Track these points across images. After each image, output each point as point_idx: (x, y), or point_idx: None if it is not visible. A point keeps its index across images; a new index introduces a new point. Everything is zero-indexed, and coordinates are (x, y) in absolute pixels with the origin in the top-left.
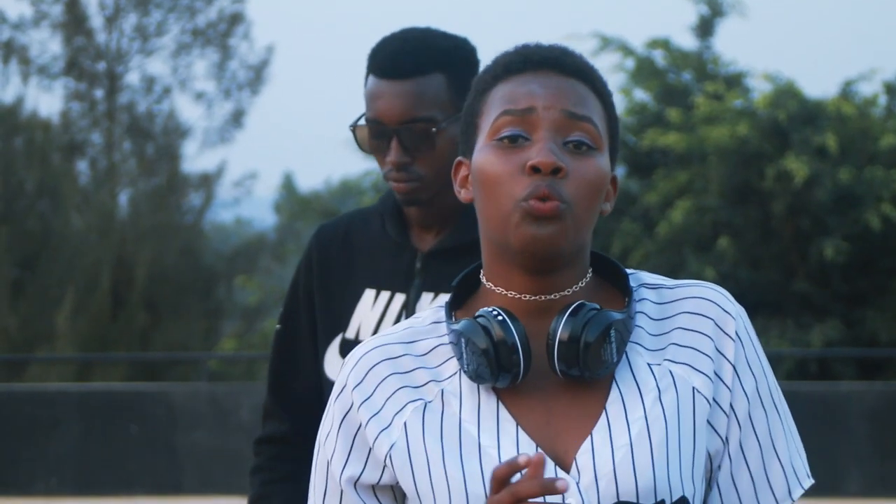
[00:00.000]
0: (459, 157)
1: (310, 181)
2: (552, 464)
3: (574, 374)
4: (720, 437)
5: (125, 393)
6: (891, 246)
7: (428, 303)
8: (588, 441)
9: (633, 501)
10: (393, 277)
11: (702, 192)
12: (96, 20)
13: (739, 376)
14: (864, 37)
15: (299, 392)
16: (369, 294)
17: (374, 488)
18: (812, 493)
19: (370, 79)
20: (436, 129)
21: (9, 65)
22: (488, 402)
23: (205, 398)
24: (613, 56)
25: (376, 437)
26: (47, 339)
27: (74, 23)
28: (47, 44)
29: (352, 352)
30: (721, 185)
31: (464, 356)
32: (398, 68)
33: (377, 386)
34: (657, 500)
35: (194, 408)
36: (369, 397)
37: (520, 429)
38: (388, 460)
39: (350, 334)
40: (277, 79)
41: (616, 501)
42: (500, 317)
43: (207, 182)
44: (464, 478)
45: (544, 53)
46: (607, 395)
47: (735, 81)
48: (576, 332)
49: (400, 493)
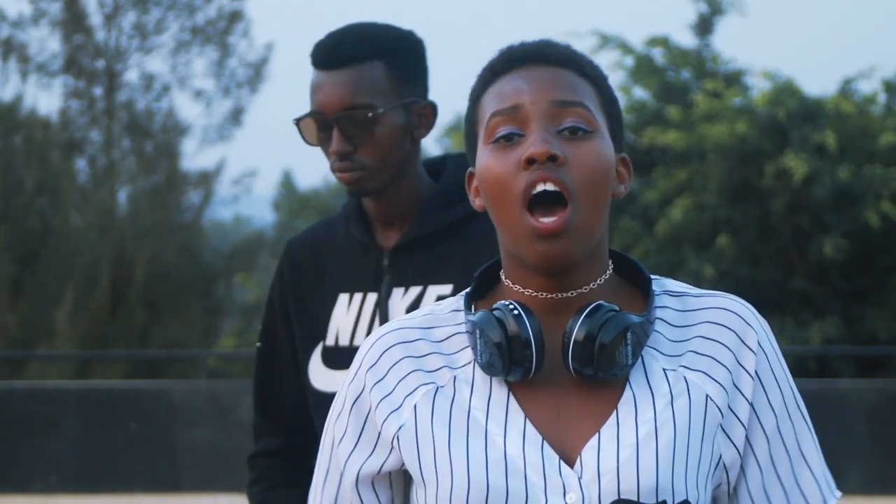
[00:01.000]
0: (470, 168)
1: (309, 179)
2: (556, 458)
3: (588, 374)
4: (735, 446)
5: (124, 390)
6: (890, 243)
7: (399, 298)
8: (595, 438)
9: (633, 500)
10: (363, 278)
11: (701, 189)
12: (95, 18)
13: (766, 390)
14: (863, 35)
15: (286, 407)
16: (343, 298)
17: (374, 481)
18: None
19: (312, 72)
20: (372, 115)
21: (8, 62)
22: (499, 393)
23: (204, 396)
24: (613, 54)
25: (386, 418)
26: (47, 336)
27: (73, 20)
28: (46, 41)
29: (369, 335)
30: (720, 182)
31: (478, 347)
32: (335, 58)
33: (391, 368)
34: (658, 500)
35: (193, 405)
36: (382, 378)
37: (528, 421)
38: (396, 441)
39: (330, 341)
40: (277, 77)
41: (617, 499)
42: (515, 311)
43: (206, 180)
44: (467, 463)
45: (526, 49)
46: (620, 396)
47: (734, 79)
48: (592, 333)
49: (399, 480)
